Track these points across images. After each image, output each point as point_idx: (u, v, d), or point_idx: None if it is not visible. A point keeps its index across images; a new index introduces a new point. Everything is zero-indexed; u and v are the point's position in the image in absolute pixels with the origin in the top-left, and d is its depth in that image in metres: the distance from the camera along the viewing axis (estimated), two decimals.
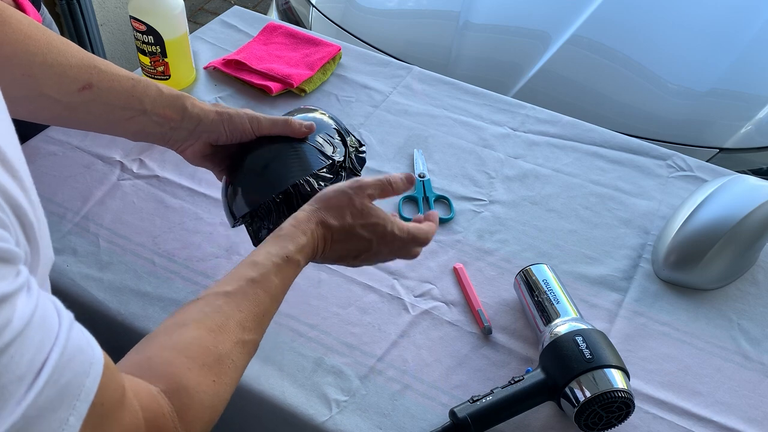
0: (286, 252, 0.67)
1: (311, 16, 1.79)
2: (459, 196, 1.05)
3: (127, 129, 0.81)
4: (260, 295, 0.64)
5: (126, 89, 0.78)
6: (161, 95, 0.80)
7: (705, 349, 0.88)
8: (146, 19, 1.12)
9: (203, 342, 0.57)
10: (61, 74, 0.74)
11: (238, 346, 0.60)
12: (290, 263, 0.67)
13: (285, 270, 0.67)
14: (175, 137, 0.82)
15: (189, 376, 0.54)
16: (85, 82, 0.76)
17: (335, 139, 0.86)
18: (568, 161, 1.13)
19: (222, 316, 0.60)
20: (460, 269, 0.94)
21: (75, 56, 0.76)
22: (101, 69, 0.77)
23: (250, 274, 0.64)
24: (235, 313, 0.61)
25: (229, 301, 0.62)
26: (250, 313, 0.62)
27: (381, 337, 0.87)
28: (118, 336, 0.88)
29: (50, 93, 0.74)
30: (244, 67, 1.24)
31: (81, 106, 0.77)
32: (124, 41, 2.50)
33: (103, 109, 0.78)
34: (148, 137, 0.83)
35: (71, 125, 0.84)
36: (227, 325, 0.59)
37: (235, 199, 0.83)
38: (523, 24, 1.76)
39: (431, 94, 1.24)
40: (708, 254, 0.93)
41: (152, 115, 0.80)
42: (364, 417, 0.79)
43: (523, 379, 0.77)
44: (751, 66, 1.65)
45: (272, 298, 0.65)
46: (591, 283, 0.94)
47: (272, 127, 0.83)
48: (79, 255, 0.94)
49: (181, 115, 0.81)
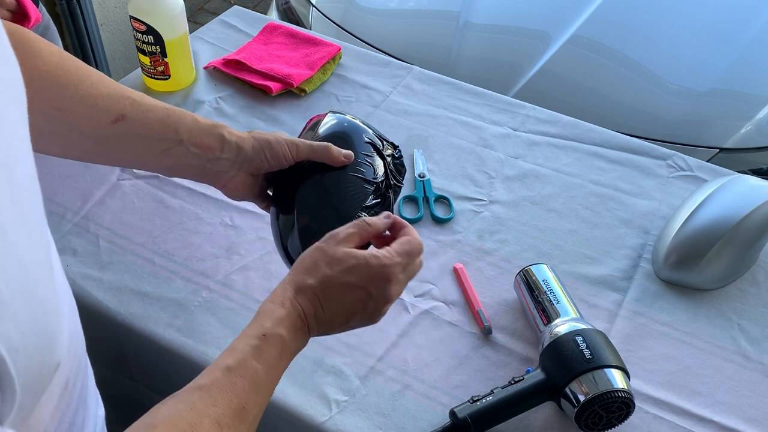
0: (263, 330, 0.60)
1: (311, 16, 1.79)
2: (459, 196, 1.05)
3: (162, 162, 0.76)
4: (238, 385, 0.56)
5: (160, 119, 0.74)
6: (197, 124, 0.75)
7: (705, 349, 0.88)
8: (146, 19, 1.12)
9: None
10: (93, 106, 0.71)
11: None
12: (270, 341, 0.59)
13: (266, 350, 0.59)
14: (215, 169, 0.77)
15: None
16: (117, 113, 0.72)
17: (372, 156, 0.82)
18: (568, 161, 1.13)
19: (195, 414, 0.53)
20: (460, 269, 0.94)
21: (107, 87, 0.72)
22: (134, 99, 0.74)
23: (227, 362, 0.57)
24: (210, 410, 0.54)
25: (203, 396, 0.55)
26: (227, 407, 0.55)
27: (381, 337, 0.87)
28: (119, 336, 0.88)
29: (81, 127, 0.71)
30: (244, 67, 1.24)
31: (113, 139, 0.73)
32: (124, 41, 2.50)
33: (137, 141, 0.74)
34: (185, 170, 0.77)
35: (104, 161, 0.80)
36: (201, 424, 0.52)
37: (290, 236, 0.78)
38: (523, 24, 1.76)
39: (431, 94, 1.24)
40: (708, 254, 0.93)
41: (189, 145, 0.75)
42: (364, 417, 0.79)
43: (523, 379, 0.77)
44: (751, 66, 1.64)
45: (253, 385, 0.57)
46: (591, 283, 0.94)
47: (311, 153, 0.78)
48: (79, 255, 0.94)
49: (220, 144, 0.76)
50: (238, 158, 0.77)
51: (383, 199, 0.80)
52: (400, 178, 0.85)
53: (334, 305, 0.65)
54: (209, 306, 0.89)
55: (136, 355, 0.90)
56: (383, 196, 0.81)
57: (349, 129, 0.84)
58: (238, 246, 0.96)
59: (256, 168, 0.79)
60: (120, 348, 0.91)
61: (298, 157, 0.78)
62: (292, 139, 0.79)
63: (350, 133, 0.83)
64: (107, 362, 0.89)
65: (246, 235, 0.98)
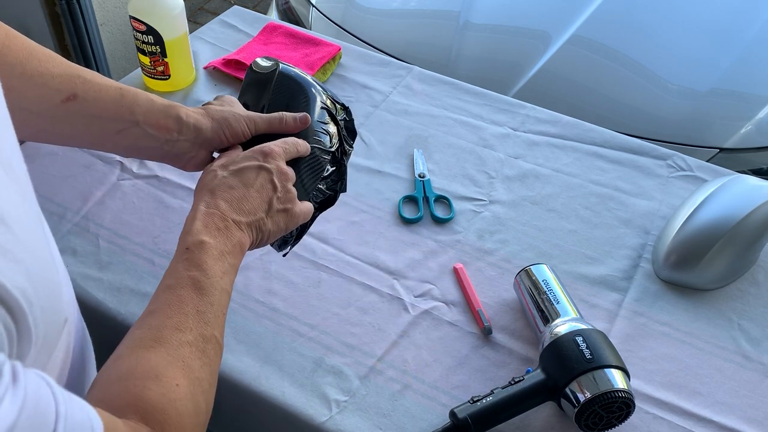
0: (185, 245, 0.63)
1: (311, 16, 1.79)
2: (459, 196, 1.05)
3: (117, 143, 0.75)
4: (183, 295, 0.60)
5: (114, 99, 0.72)
6: (153, 104, 0.74)
7: (705, 349, 0.88)
8: (146, 19, 1.12)
9: (144, 360, 0.54)
10: (42, 85, 0.69)
11: (183, 348, 0.56)
12: (194, 250, 0.63)
13: (195, 258, 0.62)
14: (174, 151, 0.76)
15: (149, 395, 0.52)
16: (68, 92, 0.70)
17: (328, 123, 0.81)
18: (568, 161, 1.12)
19: (153, 330, 0.57)
20: (460, 269, 0.94)
21: (58, 66, 0.71)
22: (86, 78, 0.72)
23: (165, 283, 0.62)
24: (165, 322, 0.58)
25: (155, 315, 0.58)
26: (180, 315, 0.58)
27: (381, 337, 0.87)
28: (119, 336, 0.88)
29: (30, 107, 0.69)
30: (244, 67, 1.24)
31: (65, 119, 0.72)
32: (124, 41, 2.50)
33: (90, 121, 0.73)
34: (142, 152, 0.77)
35: (56, 141, 0.79)
36: (161, 335, 0.56)
37: None
38: (523, 24, 1.76)
39: (431, 94, 1.24)
40: (708, 254, 0.93)
41: (146, 126, 0.74)
42: (364, 417, 0.79)
43: (523, 380, 0.77)
44: (751, 66, 1.64)
45: (198, 290, 0.61)
46: (591, 283, 0.94)
47: (268, 127, 0.79)
48: (79, 255, 0.94)
49: (177, 125, 0.75)
50: (197, 138, 0.76)
51: (338, 166, 0.80)
52: (351, 142, 0.83)
53: (241, 189, 0.69)
54: None
55: None
56: (339, 163, 0.80)
57: (304, 93, 0.82)
58: None
59: (216, 146, 0.79)
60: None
61: (255, 132, 0.79)
62: (249, 115, 0.79)
63: (306, 97, 0.81)
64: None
65: None
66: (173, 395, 0.53)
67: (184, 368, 0.55)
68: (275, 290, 0.91)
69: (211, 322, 0.60)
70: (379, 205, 1.03)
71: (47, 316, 0.40)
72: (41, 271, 0.40)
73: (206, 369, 0.58)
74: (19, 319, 0.37)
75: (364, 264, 0.95)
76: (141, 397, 0.51)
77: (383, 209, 1.03)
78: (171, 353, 0.55)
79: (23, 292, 0.37)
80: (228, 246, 0.65)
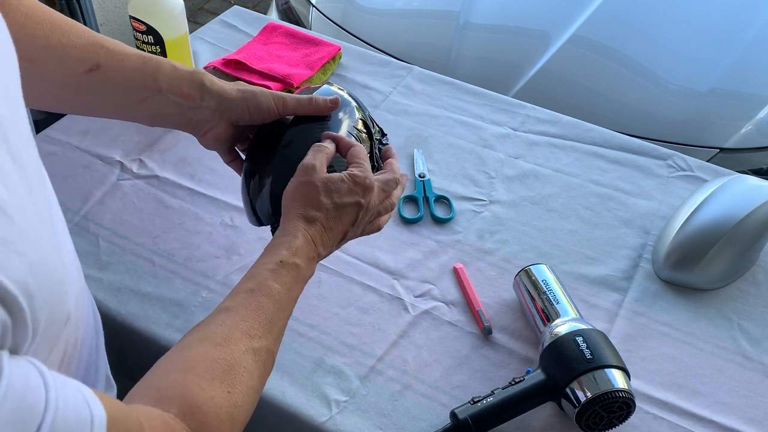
0: (280, 257, 0.64)
1: (311, 16, 1.79)
2: (459, 196, 1.05)
3: (141, 112, 0.74)
4: (262, 302, 0.61)
5: (137, 67, 0.72)
6: (176, 71, 0.73)
7: (705, 349, 0.88)
8: (146, 19, 1.12)
9: (209, 356, 0.55)
10: (65, 56, 0.69)
11: (248, 354, 0.57)
12: (286, 267, 0.64)
13: (283, 275, 0.64)
14: (196, 118, 0.75)
15: (200, 394, 0.52)
16: (92, 63, 0.69)
17: (362, 133, 0.81)
18: (569, 161, 1.12)
19: (225, 328, 0.58)
20: (460, 269, 0.94)
21: (81, 36, 0.70)
22: (109, 48, 0.71)
23: (248, 286, 0.62)
24: (239, 324, 0.58)
25: (231, 314, 0.59)
26: (255, 321, 0.59)
27: (381, 337, 0.87)
28: (118, 336, 0.88)
29: (54, 78, 0.69)
30: (244, 67, 1.24)
31: (89, 89, 0.71)
32: (124, 41, 2.49)
33: (114, 91, 0.72)
34: (166, 120, 0.76)
35: (81, 111, 0.78)
36: (232, 336, 0.57)
37: (260, 195, 0.76)
38: (523, 24, 1.76)
39: (431, 94, 1.24)
40: (708, 254, 0.93)
41: (168, 94, 0.73)
42: (364, 417, 0.79)
43: (523, 380, 0.77)
44: (751, 66, 1.64)
45: (276, 303, 0.62)
46: (591, 283, 0.94)
47: (298, 107, 0.77)
48: (79, 255, 0.93)
49: (200, 92, 0.74)
50: (220, 107, 0.75)
51: None
52: (382, 164, 0.82)
53: (336, 226, 0.70)
54: (209, 306, 0.89)
55: (136, 355, 0.90)
56: None
57: (344, 102, 0.82)
58: (238, 246, 0.96)
59: (237, 118, 0.77)
60: (120, 348, 0.91)
61: (285, 111, 0.77)
62: (279, 93, 0.78)
63: (344, 105, 0.82)
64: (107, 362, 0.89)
65: (246, 235, 0.98)
66: (222, 400, 0.53)
67: (243, 375, 0.56)
68: None
69: (277, 338, 0.62)
70: None
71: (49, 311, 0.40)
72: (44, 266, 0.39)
73: (261, 380, 0.59)
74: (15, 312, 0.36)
75: (364, 264, 0.95)
76: (191, 394, 0.51)
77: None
78: (237, 357, 0.56)
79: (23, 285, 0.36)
80: (307, 276, 0.68)
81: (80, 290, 0.56)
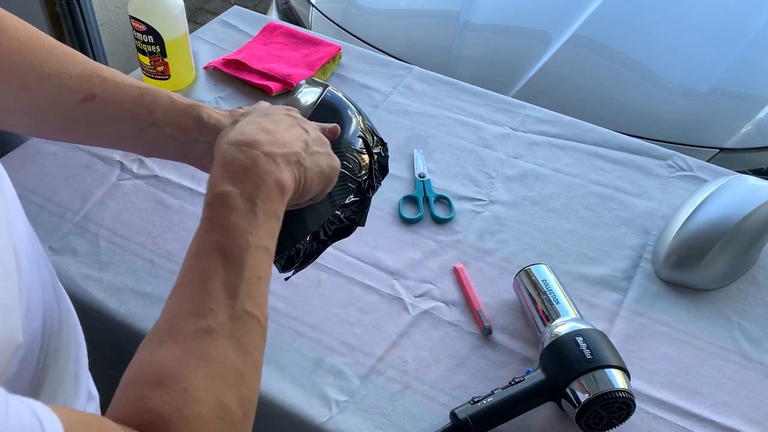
0: (206, 201, 0.55)
1: (311, 16, 1.79)
2: (459, 196, 1.05)
3: (137, 143, 0.72)
4: (206, 267, 0.51)
5: (133, 98, 0.70)
6: (173, 104, 0.71)
7: (705, 349, 0.88)
8: (146, 19, 1.12)
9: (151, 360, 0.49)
10: (60, 85, 0.67)
11: (199, 339, 0.48)
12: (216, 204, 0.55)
13: (216, 216, 0.54)
14: (193, 151, 0.73)
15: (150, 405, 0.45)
16: (86, 92, 0.68)
17: (362, 152, 0.77)
18: (569, 161, 1.12)
19: (166, 319, 0.51)
20: (460, 269, 0.94)
21: (77, 65, 0.69)
22: (105, 78, 0.69)
23: (188, 252, 0.53)
24: (182, 306, 0.50)
25: (173, 297, 0.52)
26: (202, 293, 0.50)
27: (381, 337, 0.87)
28: (118, 336, 0.88)
29: (48, 106, 0.68)
30: (244, 66, 1.24)
31: (83, 119, 0.70)
32: (124, 41, 2.50)
33: (109, 121, 0.70)
34: (162, 152, 0.74)
35: (76, 140, 0.75)
36: (174, 326, 0.50)
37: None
38: (523, 24, 1.76)
39: (431, 94, 1.24)
40: (708, 254, 0.93)
41: (164, 126, 0.71)
42: (364, 417, 0.79)
43: (523, 380, 0.77)
44: (751, 66, 1.64)
45: (225, 258, 0.52)
46: (591, 283, 0.94)
47: None
48: (79, 255, 0.94)
49: (196, 126, 0.71)
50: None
51: (362, 199, 0.76)
52: (381, 179, 0.79)
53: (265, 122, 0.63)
54: None
55: None
56: (363, 195, 0.76)
57: (341, 116, 0.78)
58: None
59: None
60: (120, 348, 0.91)
61: None
62: None
63: (344, 119, 0.78)
64: (107, 362, 0.89)
65: None
66: (179, 402, 0.46)
67: (198, 366, 0.47)
68: (275, 290, 0.91)
69: (241, 297, 0.51)
70: (379, 205, 1.03)
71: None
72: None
73: (237, 358, 0.49)
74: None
75: (364, 264, 0.95)
76: (141, 407, 0.45)
77: (383, 209, 1.03)
78: (183, 348, 0.48)
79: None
80: (260, 188, 0.56)
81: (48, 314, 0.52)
